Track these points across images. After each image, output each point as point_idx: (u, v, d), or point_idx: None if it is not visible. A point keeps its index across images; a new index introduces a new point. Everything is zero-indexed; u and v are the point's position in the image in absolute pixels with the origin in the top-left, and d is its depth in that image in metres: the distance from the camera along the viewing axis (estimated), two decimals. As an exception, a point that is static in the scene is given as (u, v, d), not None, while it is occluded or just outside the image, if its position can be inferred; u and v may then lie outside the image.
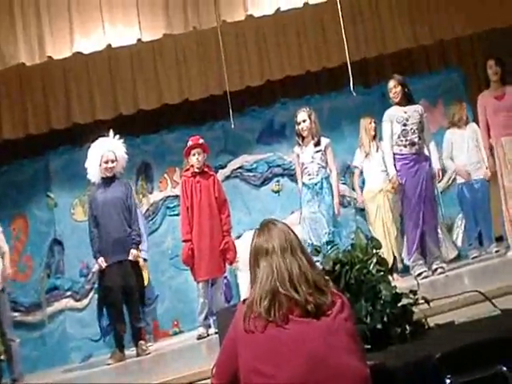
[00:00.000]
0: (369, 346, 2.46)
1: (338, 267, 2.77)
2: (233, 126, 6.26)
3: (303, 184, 5.94)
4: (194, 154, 5.83)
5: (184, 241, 5.82)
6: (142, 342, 5.68)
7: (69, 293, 6.82)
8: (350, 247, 2.94)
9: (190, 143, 5.90)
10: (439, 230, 6.04)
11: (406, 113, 5.82)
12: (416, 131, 5.79)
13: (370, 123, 6.47)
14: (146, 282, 6.27)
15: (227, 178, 7.19)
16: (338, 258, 2.81)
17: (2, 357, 5.77)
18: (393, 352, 2.42)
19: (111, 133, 5.84)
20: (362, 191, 6.64)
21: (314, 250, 3.08)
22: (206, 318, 5.76)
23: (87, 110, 7.11)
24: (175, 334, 6.81)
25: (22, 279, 6.82)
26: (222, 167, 7.23)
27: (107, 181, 5.74)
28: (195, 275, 5.80)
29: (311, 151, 5.91)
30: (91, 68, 7.08)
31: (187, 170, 5.97)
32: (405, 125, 5.78)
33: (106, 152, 5.70)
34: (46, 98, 7.01)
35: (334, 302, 2.02)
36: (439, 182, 6.55)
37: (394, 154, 5.82)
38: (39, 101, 6.99)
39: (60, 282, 6.86)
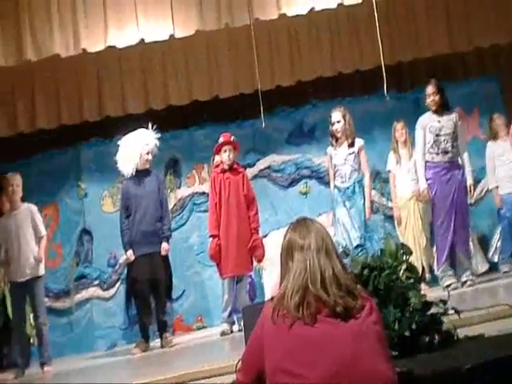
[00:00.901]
0: (396, 353, 2.45)
1: (366, 271, 2.77)
2: (264, 125, 6.25)
3: (335, 186, 5.87)
4: (225, 151, 5.85)
5: (211, 236, 5.84)
6: (166, 334, 5.72)
7: (96, 282, 6.94)
8: (379, 252, 2.93)
9: (221, 140, 5.92)
10: (470, 242, 5.94)
11: (439, 122, 5.72)
12: (449, 140, 5.69)
13: (402, 129, 6.41)
14: None
15: (255, 177, 7.19)
16: (367, 263, 2.81)
17: (32, 340, 5.91)
18: (420, 360, 2.42)
19: (150, 125, 5.89)
20: (391, 197, 6.58)
21: (343, 253, 3.06)
22: (230, 315, 5.78)
23: (119, 103, 7.18)
24: (199, 328, 6.85)
25: (52, 266, 6.94)
26: (250, 166, 7.23)
27: (141, 173, 5.79)
28: (221, 272, 5.82)
29: (345, 153, 5.83)
30: (124, 62, 7.15)
31: (217, 166, 5.99)
32: (438, 135, 5.69)
33: (146, 144, 5.76)
34: (79, 90, 7.10)
35: (363, 306, 2.01)
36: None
37: (426, 161, 5.74)
38: (72, 92, 7.08)
39: (88, 270, 6.99)
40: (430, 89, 5.74)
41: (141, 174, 5.80)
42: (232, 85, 7.27)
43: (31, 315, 5.87)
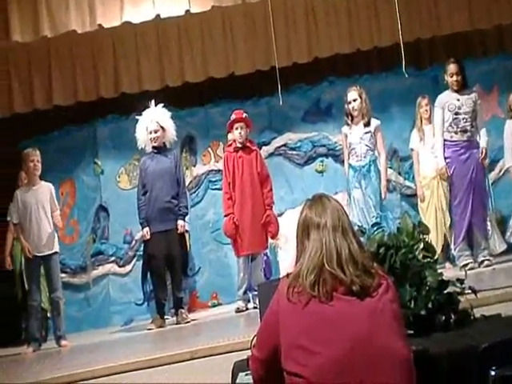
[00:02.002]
0: (411, 332, 2.44)
1: (382, 250, 2.74)
2: (281, 103, 6.20)
3: (350, 165, 5.84)
4: (236, 128, 5.82)
5: (226, 215, 5.84)
6: (182, 310, 5.77)
7: (112, 258, 7.01)
8: (396, 231, 2.90)
9: (233, 117, 5.89)
10: (488, 222, 5.89)
11: (458, 100, 5.65)
12: (468, 119, 5.63)
13: (427, 105, 6.24)
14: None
15: (271, 155, 7.17)
16: (383, 241, 2.78)
17: (49, 314, 6.00)
18: (436, 339, 2.40)
19: (153, 103, 5.88)
20: (413, 177, 6.52)
21: (359, 231, 3.04)
22: (245, 292, 5.81)
23: (134, 79, 7.17)
24: (214, 306, 6.90)
25: (69, 242, 7.02)
26: (266, 144, 7.21)
27: (157, 151, 5.81)
28: (236, 250, 5.84)
29: (360, 132, 5.78)
30: (139, 38, 7.12)
31: (230, 145, 5.97)
32: (457, 113, 5.63)
33: (149, 123, 5.78)
34: (95, 67, 7.11)
35: (380, 284, 2.00)
36: (489, 172, 6.38)
37: (445, 140, 5.68)
38: (88, 69, 7.09)
39: (104, 247, 7.06)
40: (452, 68, 5.65)
41: (157, 152, 5.82)
42: (248, 62, 7.23)
43: (47, 290, 5.94)
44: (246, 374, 2.22)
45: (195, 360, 3.87)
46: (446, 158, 5.68)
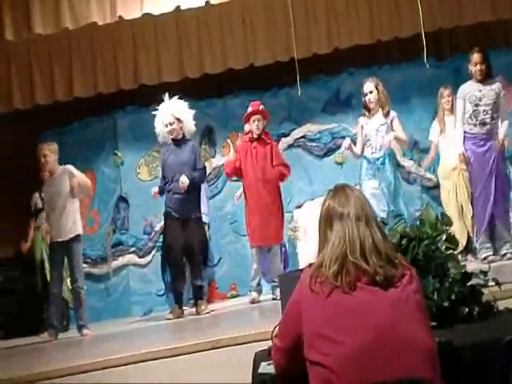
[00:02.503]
0: (435, 324, 2.43)
1: (404, 241, 2.73)
2: (300, 93, 6.18)
3: (364, 157, 5.79)
4: (254, 121, 5.81)
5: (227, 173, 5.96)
6: (201, 301, 5.78)
7: (132, 249, 7.07)
8: (418, 222, 2.89)
9: (250, 109, 5.88)
10: (511, 214, 5.83)
11: (480, 91, 5.57)
12: (489, 112, 5.56)
13: (449, 95, 6.14)
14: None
15: (290, 146, 7.16)
16: (406, 232, 2.77)
17: (71, 304, 6.06)
18: (459, 331, 2.39)
19: (167, 96, 5.88)
20: (433, 169, 6.46)
21: (380, 223, 3.03)
22: (258, 283, 5.82)
23: (154, 71, 7.19)
24: (233, 297, 6.93)
25: (90, 233, 7.08)
26: (285, 136, 7.20)
27: (178, 142, 5.83)
28: (249, 241, 5.85)
29: (377, 124, 5.72)
30: (159, 30, 7.14)
31: (246, 134, 5.96)
32: (477, 105, 5.57)
33: (164, 116, 5.78)
34: (115, 58, 7.13)
35: (403, 275, 1.99)
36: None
37: (464, 132, 5.63)
38: (109, 61, 7.12)
39: (125, 237, 7.12)
40: (476, 57, 5.57)
41: (176, 144, 5.82)
42: (268, 53, 7.20)
43: (69, 279, 5.99)
44: (268, 364, 2.22)
45: (216, 350, 3.89)
46: (465, 150, 5.62)
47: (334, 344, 1.89)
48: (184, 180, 5.60)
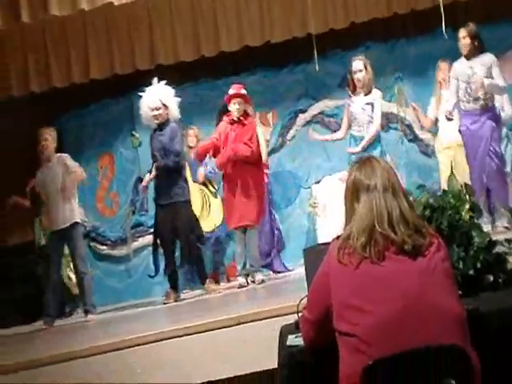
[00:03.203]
0: (460, 292, 2.43)
1: (428, 212, 2.73)
2: (317, 69, 6.14)
3: (351, 135, 5.82)
4: (234, 103, 5.78)
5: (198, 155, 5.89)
6: (208, 280, 5.79)
7: (152, 230, 7.05)
8: (441, 192, 2.89)
9: (231, 91, 5.83)
10: (509, 188, 5.81)
11: (471, 68, 5.57)
12: (480, 88, 5.52)
13: (447, 69, 6.09)
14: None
15: (308, 123, 7.13)
16: (429, 203, 2.77)
17: (76, 289, 6.02)
18: (485, 298, 2.40)
19: (155, 80, 5.85)
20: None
21: (406, 192, 3.03)
22: (243, 267, 5.81)
23: (170, 51, 7.14)
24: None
25: (110, 215, 7.12)
26: (303, 112, 7.17)
27: (160, 127, 5.79)
28: (228, 224, 5.86)
29: (362, 102, 5.72)
30: (174, 8, 7.10)
31: (229, 115, 5.92)
32: (469, 82, 5.56)
33: (150, 100, 5.74)
34: (130, 39, 7.10)
35: (431, 243, 1.99)
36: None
37: (459, 110, 5.65)
38: (124, 41, 7.08)
39: (144, 218, 7.14)
40: (461, 32, 5.60)
41: (161, 128, 5.79)
42: (284, 28, 7.12)
43: (71, 265, 5.98)
44: (296, 336, 2.24)
45: (241, 325, 3.91)
46: (460, 127, 5.64)
47: (363, 314, 1.90)
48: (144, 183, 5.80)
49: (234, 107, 5.78)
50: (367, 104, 5.71)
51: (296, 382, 2.17)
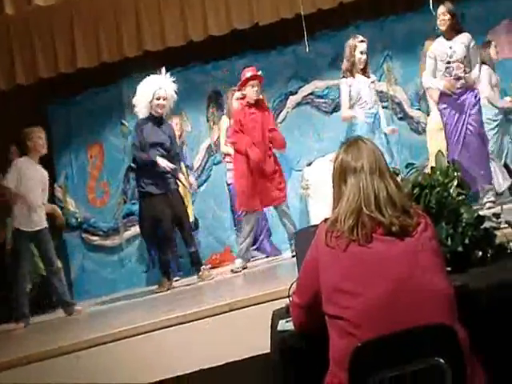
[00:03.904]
0: (449, 269, 2.42)
1: (417, 190, 2.73)
2: (307, 50, 6.09)
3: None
4: (252, 86, 5.70)
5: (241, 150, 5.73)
6: (203, 267, 5.77)
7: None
8: (429, 170, 2.87)
9: (248, 74, 5.75)
10: (492, 167, 5.80)
11: (450, 48, 5.54)
12: (461, 66, 5.52)
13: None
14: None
15: (298, 104, 7.09)
16: (418, 181, 2.75)
17: (55, 284, 5.84)
18: (474, 274, 2.40)
19: (163, 70, 5.77)
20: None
21: (393, 173, 3.01)
22: (246, 251, 5.78)
23: (158, 36, 7.06)
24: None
25: (100, 205, 7.09)
26: (293, 94, 7.13)
27: (155, 120, 5.67)
28: (245, 207, 5.74)
29: (365, 81, 5.69)
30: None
31: (242, 98, 5.84)
32: (448, 62, 5.54)
33: (157, 89, 5.63)
34: (117, 26, 7.01)
35: (418, 223, 1.99)
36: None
37: (440, 90, 5.62)
38: (111, 28, 6.99)
39: (135, 207, 7.05)
40: (440, 9, 5.56)
41: (155, 122, 5.68)
42: (272, 10, 7.05)
43: (41, 264, 5.83)
44: (287, 321, 2.24)
45: (233, 312, 3.90)
46: (440, 108, 5.64)
47: (353, 296, 1.90)
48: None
49: (253, 90, 5.69)
50: (372, 82, 5.73)
51: (287, 366, 2.17)
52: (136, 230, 7.02)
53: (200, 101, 6.67)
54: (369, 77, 5.74)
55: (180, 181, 5.86)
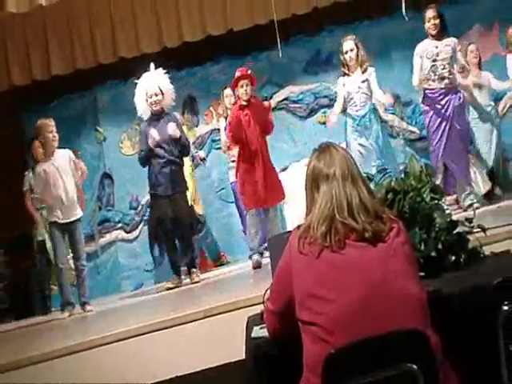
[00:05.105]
0: (423, 274, 2.43)
1: (390, 195, 2.73)
2: (281, 55, 6.11)
3: (348, 115, 5.81)
4: (242, 86, 5.69)
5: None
6: (194, 269, 5.77)
7: (119, 225, 7.05)
8: (403, 175, 2.88)
9: (237, 74, 5.75)
10: (471, 168, 5.87)
11: (437, 47, 5.64)
12: (447, 66, 5.62)
13: None
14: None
15: (273, 110, 7.08)
16: (391, 186, 2.76)
17: (75, 282, 5.99)
18: (447, 279, 2.40)
19: (152, 66, 5.77)
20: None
21: (366, 178, 3.02)
22: (258, 247, 5.75)
23: (132, 43, 7.07)
24: (222, 264, 6.93)
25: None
26: (267, 99, 7.12)
27: (156, 116, 5.68)
28: (251, 204, 5.72)
29: (358, 80, 5.75)
30: (135, 0, 6.99)
31: (235, 103, 5.86)
32: (434, 60, 5.62)
33: (149, 86, 5.64)
34: (92, 33, 6.99)
35: (391, 228, 1.99)
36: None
37: (424, 89, 5.68)
38: (86, 35, 6.98)
39: (111, 214, 7.09)
40: (430, 13, 5.65)
41: (156, 117, 5.68)
42: (246, 16, 7.09)
43: (71, 257, 5.91)
44: (261, 328, 2.23)
45: (208, 318, 3.88)
46: (424, 106, 5.71)
47: (326, 302, 1.89)
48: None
49: (242, 89, 5.63)
50: (363, 82, 5.75)
51: (261, 372, 2.15)
52: (111, 236, 7.01)
53: (175, 108, 6.62)
54: (364, 73, 5.75)
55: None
